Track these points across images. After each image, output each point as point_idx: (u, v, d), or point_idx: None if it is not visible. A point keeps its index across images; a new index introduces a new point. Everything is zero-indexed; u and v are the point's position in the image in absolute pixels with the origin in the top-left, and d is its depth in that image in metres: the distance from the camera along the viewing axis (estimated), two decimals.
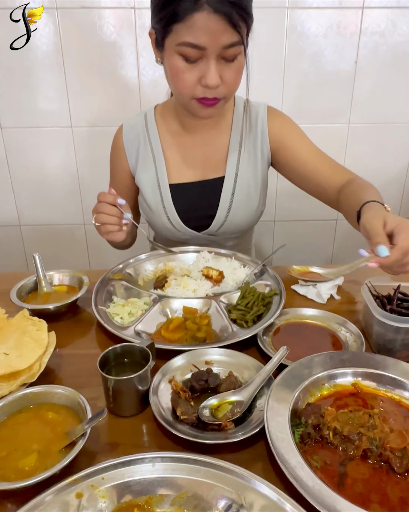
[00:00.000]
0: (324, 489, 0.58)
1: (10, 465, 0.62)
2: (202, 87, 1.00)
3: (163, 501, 0.59)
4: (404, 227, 0.78)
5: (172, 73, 1.02)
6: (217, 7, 0.89)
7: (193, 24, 0.91)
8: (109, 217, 1.03)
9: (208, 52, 0.95)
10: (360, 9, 1.66)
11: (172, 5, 0.92)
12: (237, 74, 1.03)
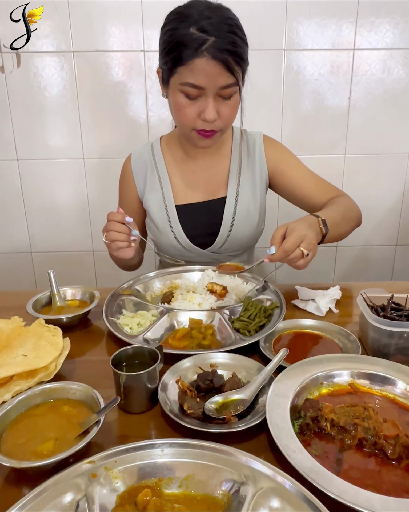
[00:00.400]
0: (322, 470, 0.62)
1: (29, 450, 0.67)
2: (201, 121, 1.14)
3: (172, 483, 0.64)
4: (292, 233, 1.01)
5: (175, 107, 1.15)
6: (215, 54, 1.02)
7: (194, 68, 1.05)
8: (118, 234, 1.12)
9: (207, 91, 1.08)
10: (352, 51, 1.81)
11: (177, 51, 1.06)
12: (233, 110, 1.16)
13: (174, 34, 1.06)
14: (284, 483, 0.60)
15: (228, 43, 1.03)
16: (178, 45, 1.05)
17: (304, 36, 1.79)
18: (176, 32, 1.06)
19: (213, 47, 1.02)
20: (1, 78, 1.82)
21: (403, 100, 1.90)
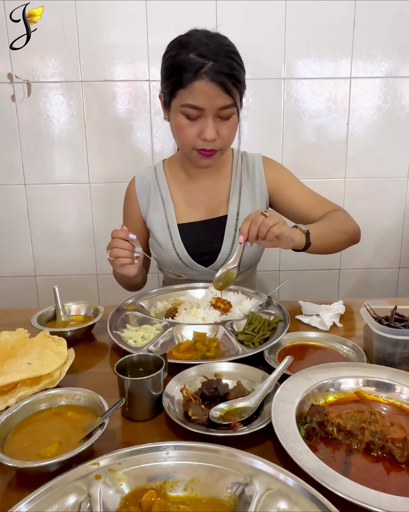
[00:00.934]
0: (329, 471, 0.61)
1: (33, 452, 0.66)
2: (201, 140, 1.19)
3: (177, 486, 0.63)
4: None
5: (176, 128, 1.20)
6: (213, 77, 1.09)
7: (194, 90, 1.11)
8: (121, 250, 1.15)
9: (206, 112, 1.14)
10: (348, 79, 1.88)
11: (177, 75, 1.12)
12: (232, 130, 1.21)
13: (175, 60, 1.13)
14: (291, 483, 0.59)
15: (226, 66, 1.10)
16: (178, 69, 1.12)
17: (302, 66, 1.87)
18: (177, 58, 1.13)
19: (211, 70, 1.09)
20: (12, 106, 1.89)
21: (400, 125, 1.96)
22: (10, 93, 1.88)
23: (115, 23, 1.82)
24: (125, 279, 1.39)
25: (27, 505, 0.57)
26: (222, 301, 1.20)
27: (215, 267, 1.38)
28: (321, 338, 1.05)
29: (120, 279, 1.44)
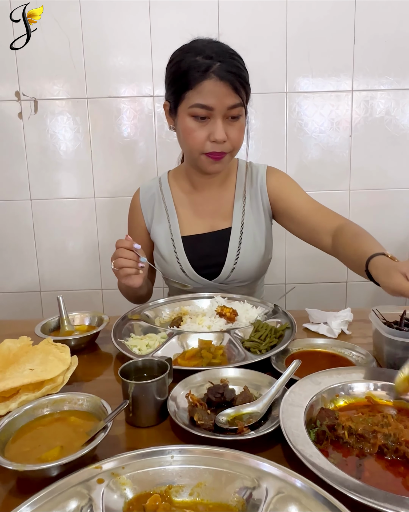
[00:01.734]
0: (342, 474, 0.58)
1: (34, 457, 0.64)
2: (210, 143, 1.18)
3: (182, 491, 0.60)
4: None
5: (185, 132, 1.19)
6: (222, 75, 1.10)
7: (203, 89, 1.12)
8: (126, 260, 1.12)
9: (215, 112, 1.14)
10: (350, 92, 1.90)
11: (184, 78, 1.13)
12: (240, 132, 1.21)
13: (181, 64, 1.14)
14: (300, 485, 0.56)
15: (233, 66, 1.12)
16: (185, 72, 1.13)
17: (304, 80, 1.90)
18: (183, 62, 1.14)
19: (220, 69, 1.10)
20: (19, 123, 1.93)
21: (403, 137, 1.97)
22: (17, 110, 1.91)
23: (120, 42, 1.86)
24: (130, 290, 1.37)
25: (27, 509, 0.55)
26: (228, 309, 1.19)
27: (220, 280, 1.37)
28: (329, 344, 1.03)
29: (125, 290, 1.42)
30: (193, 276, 1.36)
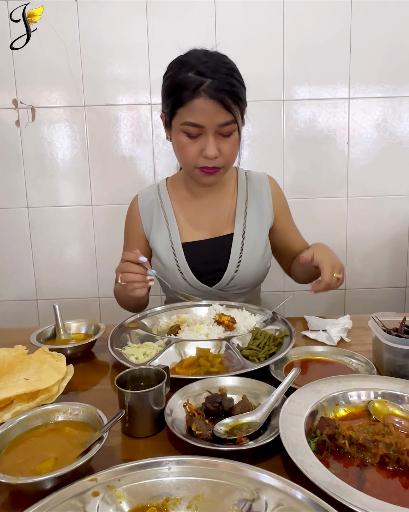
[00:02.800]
0: (343, 484, 0.57)
1: (27, 469, 0.62)
2: (203, 158, 1.18)
3: (180, 503, 0.59)
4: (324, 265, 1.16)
5: (178, 147, 1.20)
6: (212, 94, 1.09)
7: (193, 107, 1.11)
8: (134, 275, 1.09)
9: (207, 129, 1.13)
10: (347, 100, 1.91)
11: (176, 94, 1.13)
12: (233, 147, 1.20)
13: (174, 79, 1.14)
14: (300, 496, 0.55)
15: (225, 83, 1.10)
16: (177, 88, 1.13)
17: (301, 87, 1.91)
18: (176, 77, 1.14)
19: (210, 87, 1.09)
20: (16, 131, 1.92)
21: (400, 144, 1.97)
22: (15, 118, 1.91)
23: (117, 50, 1.86)
24: (132, 300, 1.33)
25: None
26: (226, 317, 1.18)
27: (220, 287, 1.36)
28: (328, 352, 1.02)
29: (125, 300, 1.38)
30: (193, 283, 1.34)
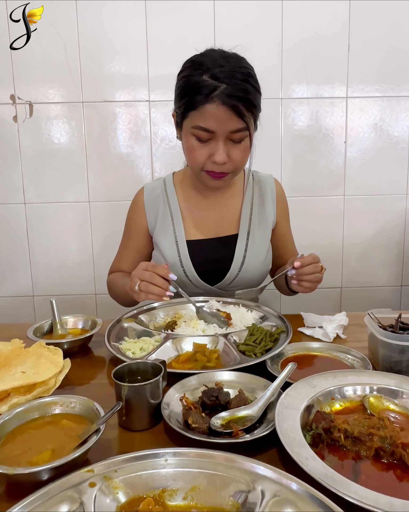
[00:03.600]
0: (338, 476, 0.58)
1: (24, 460, 0.63)
2: (211, 163, 1.16)
3: (176, 494, 0.59)
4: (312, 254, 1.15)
5: (187, 149, 1.19)
6: (225, 100, 1.06)
7: (205, 112, 1.09)
8: (155, 288, 1.08)
9: (217, 135, 1.12)
10: (345, 99, 1.91)
11: (189, 96, 1.11)
12: (243, 154, 1.18)
13: (188, 81, 1.12)
14: (295, 487, 0.55)
15: (239, 90, 1.07)
16: (190, 90, 1.10)
17: (299, 86, 1.91)
18: (190, 79, 1.11)
19: (223, 93, 1.06)
20: (14, 127, 1.92)
21: (397, 144, 1.98)
22: (12, 114, 1.91)
23: (116, 46, 1.86)
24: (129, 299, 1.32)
25: None
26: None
27: (221, 286, 1.36)
28: (324, 348, 1.03)
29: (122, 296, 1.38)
30: (195, 281, 1.34)
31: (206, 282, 1.35)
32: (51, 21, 1.81)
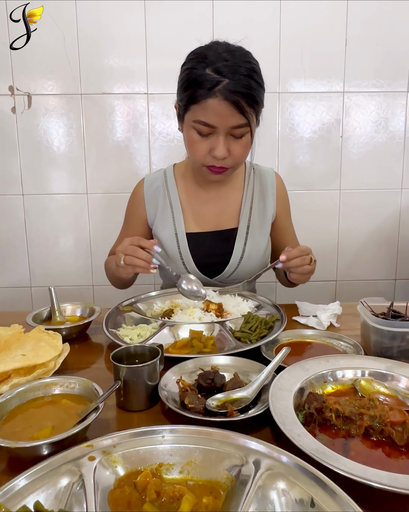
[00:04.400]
0: (328, 451, 0.60)
1: (25, 436, 0.64)
2: (211, 157, 1.17)
3: (172, 469, 0.61)
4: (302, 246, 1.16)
5: (188, 142, 1.20)
6: (227, 95, 1.06)
7: (207, 107, 1.09)
8: (139, 260, 1.10)
9: (218, 129, 1.12)
10: (342, 93, 1.93)
11: (192, 90, 1.10)
12: (244, 149, 1.19)
13: (191, 74, 1.11)
14: (285, 460, 0.58)
15: (242, 85, 1.06)
16: (193, 84, 1.09)
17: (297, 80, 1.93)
18: (193, 72, 1.10)
19: (226, 88, 1.05)
20: (12, 118, 1.93)
21: (392, 139, 2.00)
22: (11, 105, 1.91)
23: (115, 39, 1.87)
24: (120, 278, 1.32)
25: (16, 485, 0.55)
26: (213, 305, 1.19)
27: (220, 279, 1.37)
28: (318, 335, 1.05)
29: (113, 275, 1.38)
30: (194, 274, 1.34)
31: (205, 275, 1.36)
32: (50, 12, 1.81)
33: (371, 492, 0.55)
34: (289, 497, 0.54)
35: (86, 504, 0.54)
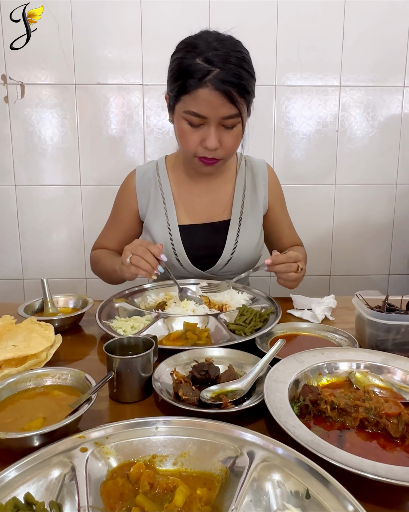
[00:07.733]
0: (323, 443, 0.59)
1: (16, 427, 0.63)
2: (202, 148, 1.15)
3: (166, 460, 0.60)
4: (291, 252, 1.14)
5: (179, 133, 1.18)
6: (218, 85, 1.04)
7: (197, 97, 1.07)
8: (146, 264, 1.09)
9: (209, 120, 1.10)
10: (338, 87, 1.92)
11: (182, 80, 1.08)
12: (235, 140, 1.17)
13: (181, 63, 1.09)
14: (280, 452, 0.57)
15: (233, 75, 1.04)
16: (183, 74, 1.08)
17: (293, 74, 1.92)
18: (183, 62, 1.08)
19: (216, 78, 1.04)
20: (4, 107, 1.90)
21: (388, 133, 2.00)
22: (3, 94, 1.88)
23: (110, 29, 1.84)
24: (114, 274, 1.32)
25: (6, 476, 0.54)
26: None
27: (213, 272, 1.36)
28: (312, 328, 1.05)
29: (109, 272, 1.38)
30: (187, 266, 1.35)
31: (198, 267, 1.35)
32: (44, 2, 1.78)
33: (365, 484, 0.54)
34: (284, 488, 0.54)
35: (78, 495, 0.53)
